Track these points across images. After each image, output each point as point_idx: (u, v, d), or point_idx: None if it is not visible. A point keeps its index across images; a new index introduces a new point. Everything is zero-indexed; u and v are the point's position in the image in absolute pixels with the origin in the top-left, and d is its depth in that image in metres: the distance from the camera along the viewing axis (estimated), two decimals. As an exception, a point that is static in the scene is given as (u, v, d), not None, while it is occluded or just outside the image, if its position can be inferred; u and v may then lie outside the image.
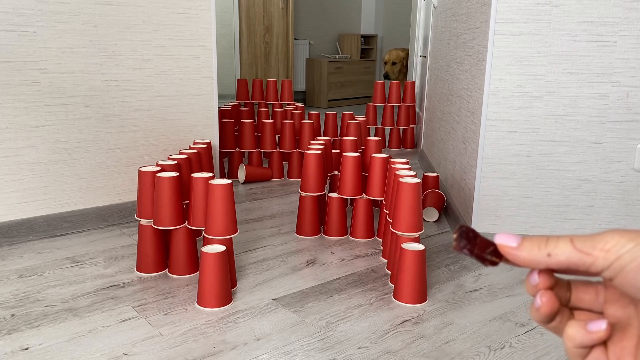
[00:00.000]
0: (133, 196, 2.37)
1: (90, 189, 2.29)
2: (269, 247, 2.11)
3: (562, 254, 0.42)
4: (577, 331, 0.42)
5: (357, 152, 2.41)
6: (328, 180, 2.71)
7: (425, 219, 2.45)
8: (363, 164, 2.49)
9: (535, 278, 0.44)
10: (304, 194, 2.23)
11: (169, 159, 2.06)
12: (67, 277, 1.80)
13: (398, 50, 7.07)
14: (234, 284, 1.74)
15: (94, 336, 1.43)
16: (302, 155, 3.16)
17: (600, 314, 0.44)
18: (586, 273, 0.42)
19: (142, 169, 1.86)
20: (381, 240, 2.18)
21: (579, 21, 1.90)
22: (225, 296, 1.61)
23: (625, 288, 0.39)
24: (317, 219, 2.25)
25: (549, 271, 0.44)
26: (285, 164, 3.31)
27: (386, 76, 6.91)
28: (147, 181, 1.83)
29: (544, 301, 0.44)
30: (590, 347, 0.43)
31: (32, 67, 2.07)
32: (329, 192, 2.48)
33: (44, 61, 2.09)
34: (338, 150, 2.81)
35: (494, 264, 0.45)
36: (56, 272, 1.83)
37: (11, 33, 2.00)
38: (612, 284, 0.40)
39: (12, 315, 1.53)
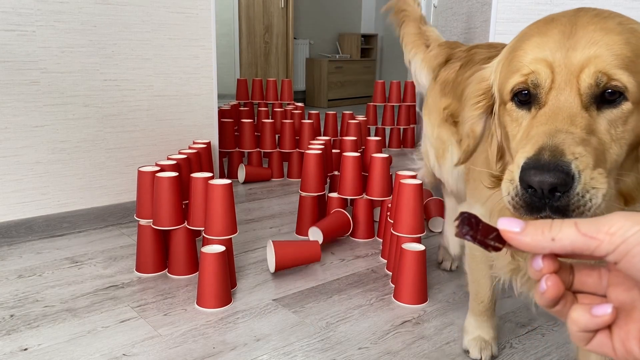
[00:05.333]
0: (132, 196, 2.37)
1: (89, 189, 2.29)
2: (268, 247, 2.10)
3: (566, 238, 0.41)
4: (581, 315, 0.42)
5: (357, 152, 2.40)
6: (328, 180, 2.71)
7: (432, 230, 2.38)
8: (363, 164, 2.48)
9: (540, 263, 0.43)
10: (304, 194, 2.22)
11: (169, 158, 2.05)
12: (66, 277, 1.79)
13: None
14: (233, 284, 1.73)
15: (93, 337, 1.43)
16: (302, 155, 3.16)
17: (604, 297, 0.44)
18: (591, 257, 0.41)
19: (141, 169, 1.86)
20: (381, 240, 2.17)
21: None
22: (225, 297, 1.60)
23: (630, 272, 0.38)
24: (317, 219, 2.24)
25: (553, 255, 0.43)
26: (285, 164, 3.30)
27: None
28: (147, 181, 1.83)
29: (549, 285, 0.43)
30: (595, 331, 0.42)
31: (31, 66, 2.06)
32: (329, 192, 2.47)
33: (43, 61, 2.09)
34: (338, 150, 2.81)
35: (497, 249, 0.44)
36: (55, 272, 1.83)
37: (10, 33, 2.00)
38: (617, 267, 0.39)
39: (12, 316, 1.53)
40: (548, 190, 0.63)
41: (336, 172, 2.64)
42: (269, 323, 1.52)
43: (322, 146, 2.40)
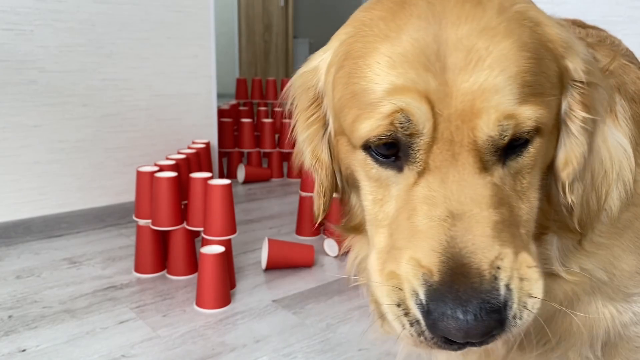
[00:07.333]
0: (131, 196, 2.35)
1: (88, 190, 2.27)
2: (268, 248, 2.09)
3: None
4: None
5: (357, 151, 2.39)
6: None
7: None
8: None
9: None
10: (303, 194, 2.21)
11: (167, 158, 2.04)
12: (64, 278, 1.78)
13: None
14: (232, 285, 1.72)
15: (92, 338, 1.42)
16: (301, 154, 3.15)
17: None
18: None
19: (140, 169, 1.85)
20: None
21: (582, 20, 1.89)
22: (224, 297, 1.60)
23: None
24: (317, 219, 2.23)
25: None
26: (285, 164, 3.29)
27: None
28: (146, 181, 1.82)
29: None
30: None
31: (30, 66, 2.05)
32: (329, 192, 2.46)
33: (41, 60, 2.08)
34: (338, 150, 2.80)
35: None
36: (54, 273, 1.82)
37: (8, 32, 1.99)
38: None
39: (10, 317, 1.52)
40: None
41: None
42: (269, 324, 1.51)
43: (322, 146, 2.39)
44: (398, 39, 0.53)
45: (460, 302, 0.47)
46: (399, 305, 0.52)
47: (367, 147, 0.57)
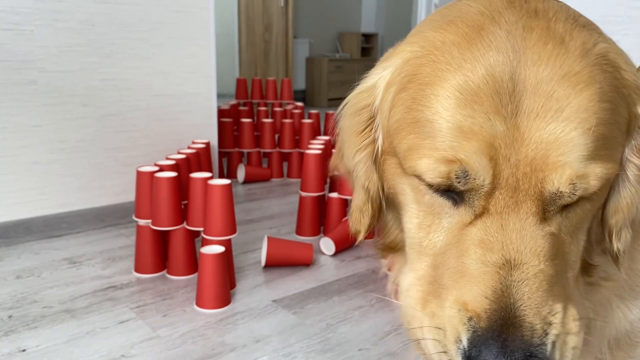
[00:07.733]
0: (131, 196, 2.36)
1: (88, 190, 2.27)
2: (268, 248, 2.09)
3: None
4: None
5: (357, 151, 2.39)
6: (328, 180, 2.70)
7: None
8: (363, 164, 2.47)
9: None
10: (304, 194, 2.21)
11: (168, 158, 2.04)
12: (64, 278, 1.78)
13: None
14: (233, 285, 1.72)
15: (92, 338, 1.42)
16: (302, 155, 3.15)
17: None
18: None
19: (140, 169, 1.85)
20: (381, 240, 2.16)
21: (581, 20, 1.89)
22: (224, 297, 1.60)
23: None
24: (317, 219, 2.23)
25: None
26: (285, 164, 3.29)
27: None
28: (146, 181, 1.82)
29: None
30: None
31: (30, 66, 2.05)
32: (329, 192, 2.46)
33: (41, 60, 2.08)
34: (338, 150, 2.80)
35: None
36: (54, 273, 1.82)
37: (8, 32, 1.99)
38: None
39: (10, 317, 1.52)
40: None
41: (336, 172, 2.63)
42: (269, 324, 1.51)
43: (322, 146, 2.39)
44: (473, 72, 0.51)
45: (506, 351, 0.46)
46: (438, 341, 0.52)
47: (421, 178, 0.55)
